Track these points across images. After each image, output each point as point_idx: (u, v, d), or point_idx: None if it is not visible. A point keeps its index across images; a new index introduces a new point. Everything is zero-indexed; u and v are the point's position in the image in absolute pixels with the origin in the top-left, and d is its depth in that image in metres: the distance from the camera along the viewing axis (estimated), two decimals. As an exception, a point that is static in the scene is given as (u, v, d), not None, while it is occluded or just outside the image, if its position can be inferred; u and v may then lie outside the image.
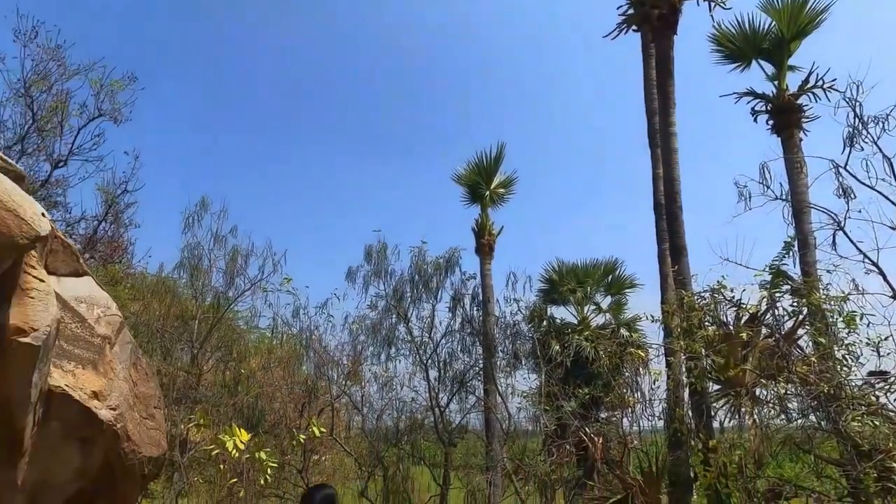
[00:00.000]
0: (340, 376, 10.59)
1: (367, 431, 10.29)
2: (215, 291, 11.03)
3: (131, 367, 7.37)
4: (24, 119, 12.28)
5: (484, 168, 12.44)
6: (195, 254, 10.85)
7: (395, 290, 10.66)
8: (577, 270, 12.67)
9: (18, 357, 4.84)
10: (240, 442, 4.92)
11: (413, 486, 9.92)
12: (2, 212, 4.35)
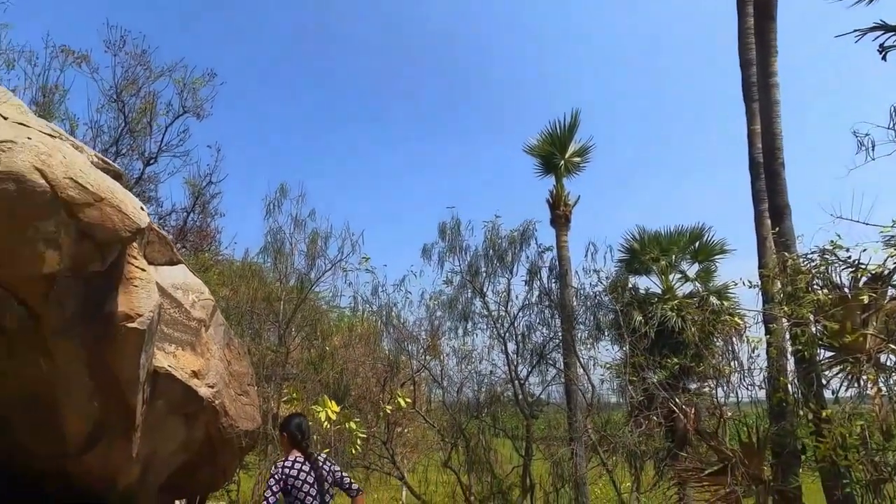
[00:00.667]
0: (419, 351, 10.75)
1: (448, 404, 10.42)
2: (298, 273, 11.52)
3: (225, 347, 7.82)
4: (118, 122, 13.21)
5: (557, 137, 12.00)
6: (277, 238, 11.35)
7: (470, 266, 10.60)
8: (660, 238, 12.03)
9: (127, 341, 5.23)
10: (331, 413, 5.10)
11: (496, 458, 9.99)
12: (107, 208, 4.67)
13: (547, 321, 10.21)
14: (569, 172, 12.25)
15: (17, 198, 4.27)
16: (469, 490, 9.43)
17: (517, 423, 10.12)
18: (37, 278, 4.57)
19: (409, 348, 10.66)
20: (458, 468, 9.68)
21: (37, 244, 4.43)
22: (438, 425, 10.31)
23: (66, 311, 4.79)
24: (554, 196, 11.64)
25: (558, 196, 11.59)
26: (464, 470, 9.66)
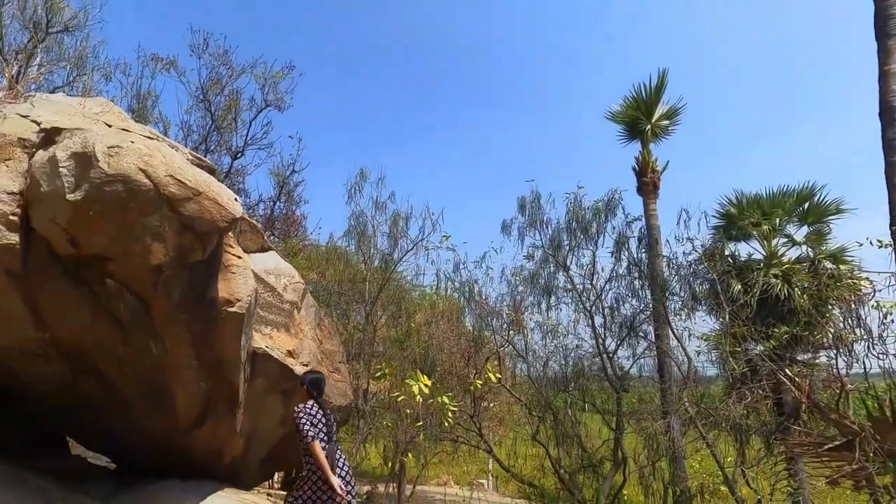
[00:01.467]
0: (502, 326, 10.76)
1: (533, 378, 10.39)
2: (381, 254, 11.83)
3: (316, 327, 8.19)
4: (205, 121, 14.10)
5: (643, 101, 11.30)
6: (360, 221, 11.68)
7: (552, 239, 10.35)
8: (760, 201, 10.97)
9: (229, 324, 5.60)
10: (423, 386, 5.24)
11: (587, 432, 9.88)
12: (205, 201, 4.99)
13: (636, 292, 9.82)
14: (656, 137, 11.53)
15: (126, 197, 4.64)
16: (558, 463, 9.42)
17: (605, 397, 9.93)
18: (146, 270, 4.94)
19: (493, 324, 10.69)
20: (546, 442, 9.67)
21: (144, 238, 4.80)
22: (525, 399, 10.31)
23: (173, 299, 5.17)
24: (640, 163, 11.04)
25: (645, 162, 10.98)
26: (552, 443, 9.64)
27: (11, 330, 5.12)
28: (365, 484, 10.75)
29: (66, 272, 4.97)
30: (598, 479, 9.05)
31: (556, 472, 9.40)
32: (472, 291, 10.93)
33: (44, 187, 4.69)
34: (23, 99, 5.70)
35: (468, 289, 10.97)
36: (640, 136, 11.38)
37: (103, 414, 5.96)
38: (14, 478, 5.26)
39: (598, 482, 8.97)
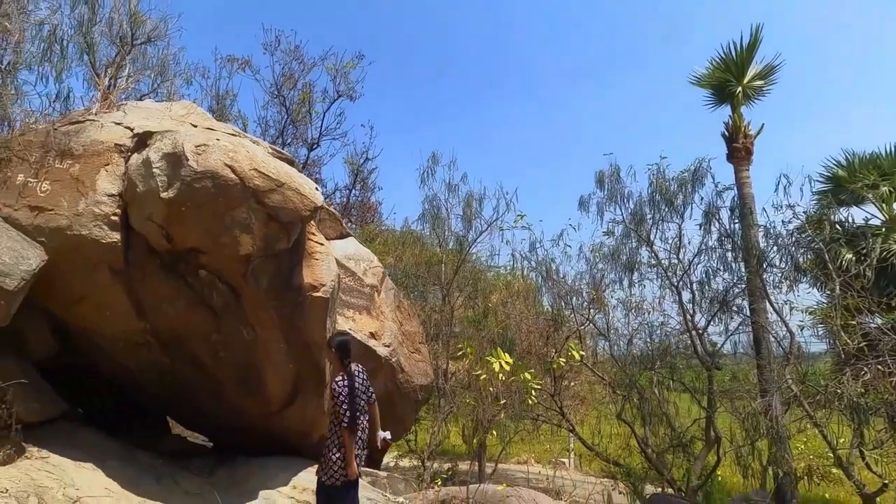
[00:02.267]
0: (582, 305, 10.53)
1: (617, 357, 10.11)
2: (456, 236, 11.90)
3: (396, 309, 8.36)
4: (281, 116, 14.63)
5: (733, 61, 10.35)
6: (433, 204, 11.82)
7: (634, 214, 9.89)
8: (878, 160, 9.72)
9: (314, 309, 5.81)
10: (505, 364, 5.24)
11: (676, 410, 9.53)
12: (288, 191, 5.19)
13: (729, 266, 9.21)
14: (748, 99, 10.57)
15: (215, 192, 4.91)
16: (645, 442, 9.16)
17: (693, 376, 9.50)
18: (236, 260, 5.22)
19: (572, 302, 10.47)
20: (631, 421, 9.42)
21: (233, 230, 5.06)
22: (608, 378, 10.07)
23: (262, 287, 5.44)
24: (730, 128, 10.20)
25: (735, 127, 10.14)
26: (638, 422, 9.39)
27: (117, 322, 5.58)
28: (446, 462, 10.95)
29: (163, 266, 5.35)
30: (688, 459, 8.71)
31: (643, 452, 9.15)
32: (550, 270, 10.74)
33: (140, 188, 5.05)
34: (115, 108, 6.11)
35: (545, 268, 10.79)
36: (730, 99, 10.49)
37: (200, 397, 6.37)
38: (127, 456, 5.77)
39: (689, 462, 8.64)
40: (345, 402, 4.32)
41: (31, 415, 5.12)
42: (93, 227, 5.08)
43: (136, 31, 9.67)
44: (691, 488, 8.11)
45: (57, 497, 4.28)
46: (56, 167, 5.31)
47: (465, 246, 11.61)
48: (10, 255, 4.49)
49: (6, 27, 5.96)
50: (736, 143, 9.96)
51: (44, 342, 5.80)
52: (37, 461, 4.76)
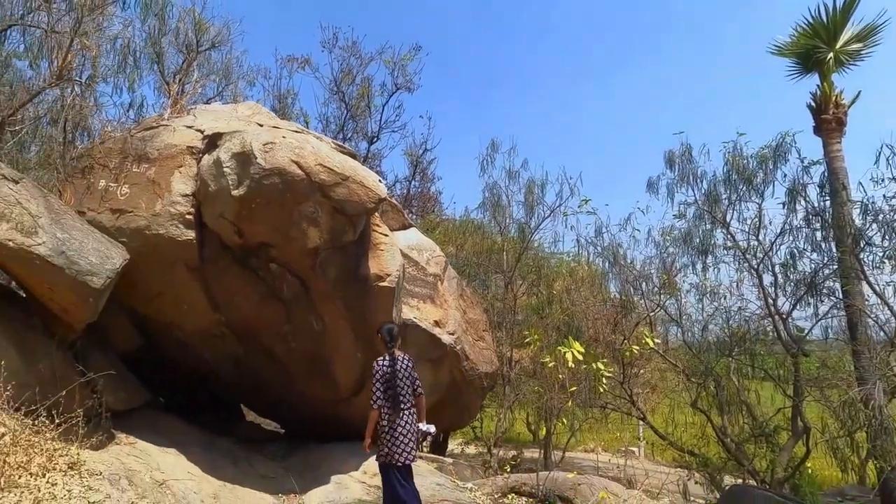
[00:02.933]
0: (652, 290, 10.14)
1: (690, 344, 9.68)
2: (517, 223, 11.76)
3: (459, 297, 8.36)
4: (340, 111, 14.88)
5: (823, 26, 9.41)
6: (494, 192, 11.73)
7: (708, 194, 9.34)
8: None
9: (381, 298, 5.88)
10: (577, 353, 5.12)
11: (758, 399, 9.04)
12: (353, 184, 5.26)
13: (818, 246, 8.55)
14: (840, 66, 9.64)
15: (283, 188, 5.04)
16: (723, 431, 8.76)
17: (776, 363, 8.95)
18: (304, 253, 5.36)
19: (642, 287, 10.10)
20: (707, 409, 9.02)
21: (301, 224, 5.19)
22: (683, 365, 9.66)
23: (329, 278, 5.57)
24: (819, 98, 9.30)
25: (825, 97, 9.23)
26: (714, 411, 8.97)
27: (195, 316, 5.87)
28: (510, 449, 10.91)
29: (236, 261, 5.56)
30: (772, 450, 8.24)
31: (721, 441, 8.74)
32: (617, 255, 10.39)
33: (212, 187, 5.25)
34: (186, 112, 6.36)
35: (612, 253, 10.44)
36: (819, 66, 9.57)
37: (272, 385, 6.62)
38: (206, 442, 6.09)
39: (773, 453, 8.17)
40: (378, 381, 4.51)
41: (119, 403, 5.47)
42: (169, 227, 5.33)
43: (201, 38, 10.05)
44: (777, 480, 7.66)
45: (145, 479, 4.55)
46: (134, 171, 5.60)
47: (527, 233, 11.44)
48: (96, 255, 4.77)
49: (85, 44, 6.29)
50: (825, 114, 9.11)
51: (127, 336, 6.19)
52: (125, 446, 5.09)
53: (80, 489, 3.93)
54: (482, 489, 6.31)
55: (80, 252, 4.66)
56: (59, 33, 6.09)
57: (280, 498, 5.49)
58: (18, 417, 4.27)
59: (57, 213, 4.80)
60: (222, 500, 4.90)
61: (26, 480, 3.76)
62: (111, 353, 5.85)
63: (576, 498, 5.80)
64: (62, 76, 6.05)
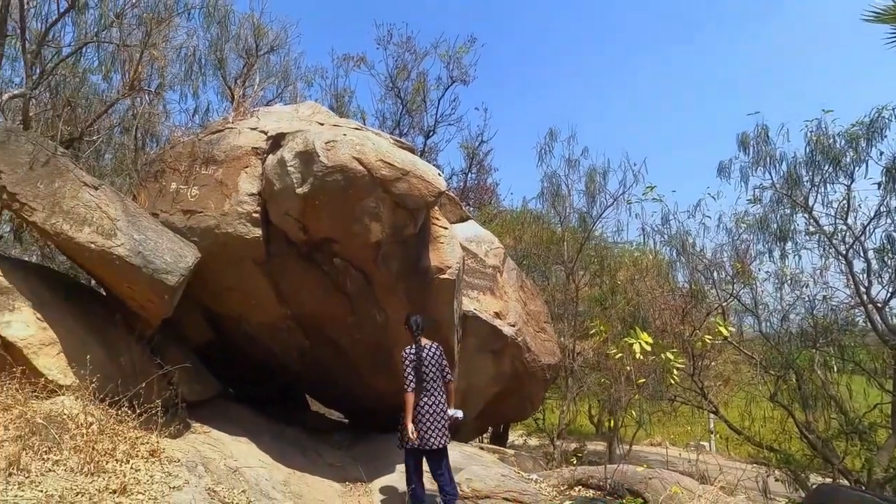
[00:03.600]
0: (724, 279, 9.64)
1: (767, 334, 9.13)
2: (579, 212, 11.49)
3: (519, 289, 8.24)
4: (396, 107, 14.99)
5: None
6: (553, 182, 11.50)
7: (788, 176, 8.72)
8: None
9: (442, 290, 5.88)
10: (645, 344, 4.90)
11: (849, 393, 8.41)
12: (412, 179, 5.27)
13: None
14: None
15: (345, 184, 5.09)
16: (807, 427, 8.22)
17: (867, 355, 8.28)
18: (367, 247, 5.42)
19: (713, 276, 9.61)
20: (788, 403, 8.49)
21: (363, 219, 5.25)
22: (760, 357, 9.12)
23: (391, 271, 5.61)
24: None
25: None
26: (797, 406, 8.43)
27: (263, 310, 6.07)
28: (572, 442, 10.71)
29: (301, 256, 5.71)
30: (868, 448, 7.63)
31: (804, 438, 8.20)
32: (685, 243, 9.93)
33: (277, 186, 5.39)
34: (249, 115, 6.54)
35: (680, 241, 9.99)
36: None
37: (337, 376, 6.77)
38: (275, 431, 6.29)
39: (868, 451, 7.57)
40: (408, 367, 4.74)
41: (193, 394, 5.74)
42: (237, 225, 5.52)
43: (260, 42, 10.36)
44: (875, 481, 7.10)
45: (220, 466, 4.73)
46: (202, 173, 5.82)
47: (589, 222, 11.14)
48: (170, 254, 4.99)
49: (154, 55, 6.58)
50: (931, 80, 8.31)
51: (200, 330, 6.48)
52: (200, 435, 5.32)
53: (162, 475, 4.14)
54: (548, 481, 6.21)
55: (155, 252, 4.90)
56: (129, 47, 6.39)
57: (347, 486, 5.61)
58: (104, 408, 4.53)
59: (133, 216, 5.06)
60: (292, 487, 5.04)
61: (112, 466, 3.99)
62: (185, 347, 6.14)
63: (646, 492, 5.59)
64: (134, 87, 6.35)
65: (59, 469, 3.77)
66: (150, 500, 3.74)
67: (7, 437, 3.86)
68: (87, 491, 3.59)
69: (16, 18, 5.87)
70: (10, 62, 6.49)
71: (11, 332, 4.56)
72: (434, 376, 4.84)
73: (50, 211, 4.76)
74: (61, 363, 4.64)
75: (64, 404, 4.36)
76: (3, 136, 4.94)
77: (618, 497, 5.69)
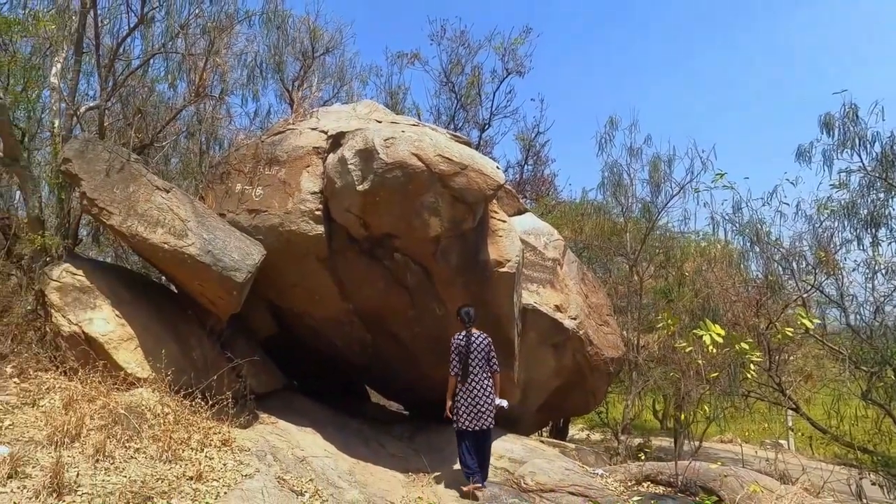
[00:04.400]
0: (805, 269, 9.01)
1: (857, 328, 8.44)
2: (642, 202, 11.07)
3: (580, 281, 8.05)
4: (451, 102, 14.94)
5: None
6: (614, 171, 11.06)
7: (882, 158, 8.03)
8: None
9: (501, 284, 5.83)
10: (716, 336, 4.64)
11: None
12: (471, 173, 5.25)
13: None
14: None
15: (404, 180, 5.14)
16: (911, 429, 7.55)
17: None
18: (426, 241, 5.47)
19: (792, 266, 8.99)
20: (886, 401, 7.83)
21: (422, 214, 5.29)
22: (849, 351, 8.45)
23: (451, 265, 5.63)
24: None
25: None
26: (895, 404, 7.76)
27: (326, 304, 6.22)
28: (636, 437, 10.38)
29: (362, 252, 5.80)
30: None
31: (910, 440, 7.55)
32: (760, 232, 9.34)
33: (338, 183, 5.50)
34: (309, 115, 6.69)
35: (755, 230, 9.41)
36: None
37: (397, 369, 6.86)
38: (339, 422, 6.44)
39: None
40: (455, 354, 5.20)
41: (261, 386, 5.96)
42: (301, 223, 5.67)
43: (316, 44, 10.58)
44: None
45: (287, 456, 4.89)
46: (266, 174, 6.01)
47: (653, 212, 10.70)
48: (238, 252, 5.18)
49: (217, 62, 6.83)
50: None
51: (265, 325, 6.71)
52: (268, 425, 5.51)
53: (233, 463, 4.31)
54: (613, 476, 6.03)
55: (223, 250, 5.10)
56: (194, 55, 6.66)
57: (410, 476, 5.67)
58: (178, 399, 4.77)
59: (202, 217, 5.28)
60: (357, 476, 5.14)
61: (188, 454, 4.20)
62: (252, 341, 6.38)
63: (721, 489, 5.32)
64: (199, 94, 6.62)
65: (140, 456, 4.00)
66: (224, 486, 3.91)
67: (93, 426, 4.12)
68: (166, 477, 3.79)
69: (90, 36, 6.24)
70: (85, 77, 6.90)
71: (94, 329, 4.88)
72: (481, 365, 5.22)
73: (126, 214, 5.04)
74: (139, 357, 4.93)
75: (142, 396, 4.63)
76: (82, 146, 5.27)
77: (690, 494, 5.44)
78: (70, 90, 6.10)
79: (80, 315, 4.92)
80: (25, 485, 3.32)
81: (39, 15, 5.68)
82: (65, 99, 5.97)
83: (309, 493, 4.36)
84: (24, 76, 5.62)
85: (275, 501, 3.94)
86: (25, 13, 5.75)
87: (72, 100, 6.05)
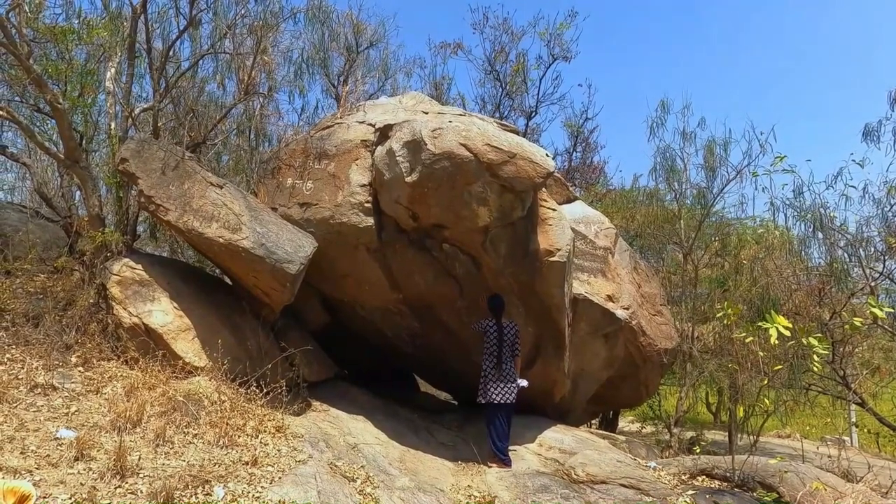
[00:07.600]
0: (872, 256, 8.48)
1: (936, 317, 7.91)
2: (696, 188, 10.67)
3: (632, 271, 7.86)
4: (496, 90, 14.75)
5: None
6: (667, 157, 10.68)
7: None
8: None
9: (552, 273, 5.75)
10: (783, 328, 4.43)
11: None
12: (520, 161, 5.18)
13: None
14: None
15: (452, 171, 5.12)
16: None
17: None
18: (475, 231, 5.44)
19: (859, 253, 8.49)
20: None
21: (471, 204, 5.26)
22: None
23: (500, 254, 5.60)
24: None
25: None
26: None
27: (376, 294, 6.30)
28: (688, 430, 10.09)
29: (411, 242, 5.84)
30: None
31: None
32: (823, 217, 8.84)
33: (386, 175, 5.53)
34: (356, 109, 6.75)
35: (818, 215, 8.92)
36: None
37: (447, 358, 6.89)
38: (389, 411, 6.52)
39: None
40: (486, 334, 5.73)
41: (313, 375, 6.11)
42: (350, 215, 5.75)
43: (360, 38, 10.64)
44: None
45: (339, 443, 5.00)
46: (315, 168, 6.12)
47: (709, 198, 10.29)
48: (290, 245, 5.30)
49: (265, 60, 6.96)
50: None
51: (317, 315, 6.86)
52: (320, 413, 5.65)
53: (287, 449, 4.44)
54: (666, 469, 5.90)
55: (276, 243, 5.22)
56: (242, 55, 6.81)
57: (459, 464, 5.70)
58: (234, 387, 4.94)
59: (255, 211, 5.42)
60: (407, 464, 5.20)
61: (244, 440, 4.34)
62: (305, 331, 6.53)
63: (780, 486, 5.11)
64: (248, 92, 6.77)
65: (198, 442, 4.16)
66: (278, 472, 4.03)
67: (153, 412, 4.32)
68: (223, 462, 3.94)
69: (141, 41, 6.47)
70: (138, 80, 7.14)
71: (153, 320, 5.10)
72: (509, 350, 5.78)
73: (181, 210, 5.23)
74: (196, 347, 5.13)
75: (199, 384, 4.81)
76: (138, 146, 5.49)
77: (747, 490, 5.27)
78: (124, 93, 6.33)
79: (139, 307, 5.15)
80: (91, 467, 3.49)
81: (92, 23, 5.91)
82: (120, 102, 6.22)
83: (360, 480, 4.45)
84: (80, 82, 5.86)
85: (327, 487, 4.02)
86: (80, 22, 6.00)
87: (126, 102, 6.29)
